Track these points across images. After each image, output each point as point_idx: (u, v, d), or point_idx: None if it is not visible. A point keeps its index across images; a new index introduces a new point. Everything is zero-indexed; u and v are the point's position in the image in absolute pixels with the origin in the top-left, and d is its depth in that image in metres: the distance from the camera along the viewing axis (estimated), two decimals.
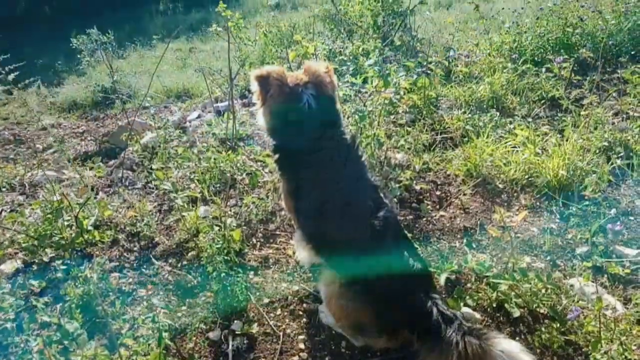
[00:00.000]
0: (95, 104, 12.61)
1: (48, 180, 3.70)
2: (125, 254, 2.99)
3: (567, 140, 3.69)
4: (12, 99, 14.20)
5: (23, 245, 2.85)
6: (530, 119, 4.44)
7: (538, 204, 3.43)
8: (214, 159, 3.62)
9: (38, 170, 4.32)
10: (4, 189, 3.86)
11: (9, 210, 3.45)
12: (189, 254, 2.97)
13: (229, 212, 3.29)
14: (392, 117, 4.40)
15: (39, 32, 20.78)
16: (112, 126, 8.51)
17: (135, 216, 3.17)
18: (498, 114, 4.31)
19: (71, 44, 13.86)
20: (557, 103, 4.71)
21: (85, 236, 2.90)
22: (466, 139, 4.18)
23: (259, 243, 3.12)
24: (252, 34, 7.42)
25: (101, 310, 2.36)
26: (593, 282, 2.50)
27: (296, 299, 2.69)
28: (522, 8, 10.61)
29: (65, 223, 2.84)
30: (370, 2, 6.80)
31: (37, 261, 2.77)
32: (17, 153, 7.83)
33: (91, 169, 4.18)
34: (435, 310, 2.16)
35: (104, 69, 14.51)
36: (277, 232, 3.21)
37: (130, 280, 2.78)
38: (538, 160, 3.56)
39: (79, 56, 14.46)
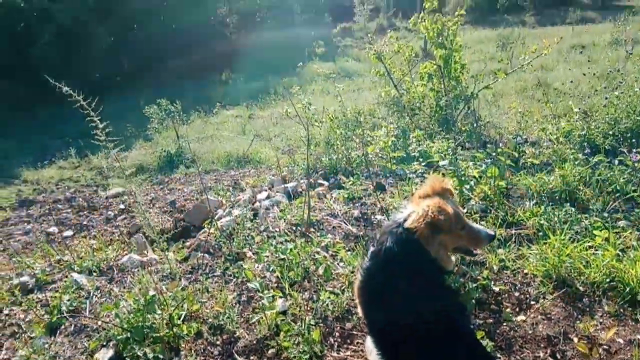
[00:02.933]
0: (160, 168, 13.33)
1: (135, 264, 3.92)
2: (209, 348, 3.08)
3: None
4: (84, 162, 15.19)
5: (117, 337, 3.00)
6: (606, 214, 4.36)
7: (622, 310, 3.32)
8: (290, 249, 3.74)
9: (123, 253, 4.57)
10: (94, 273, 4.11)
11: (99, 295, 3.66)
12: (269, 351, 3.03)
13: (305, 307, 3.35)
14: (463, 206, 4.43)
15: (110, 100, 22.41)
16: (178, 193, 8.94)
17: (218, 310, 3.29)
18: (573, 209, 4.25)
19: (144, 112, 14.89)
20: (633, 196, 4.61)
21: (174, 330, 3.03)
22: (541, 233, 4.13)
23: (336, 343, 3.14)
24: (310, 98, 7.76)
25: None
26: None
27: None
28: (584, 74, 10.55)
29: (157, 317, 2.99)
30: (433, 83, 7.02)
31: (129, 353, 2.90)
32: (90, 220, 8.32)
33: (172, 251, 4.40)
34: None
35: (169, 134, 15.41)
36: (354, 332, 3.23)
37: None
38: (620, 265, 3.47)
39: (148, 126, 15.47)
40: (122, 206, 8.59)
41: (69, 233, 7.45)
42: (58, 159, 14.87)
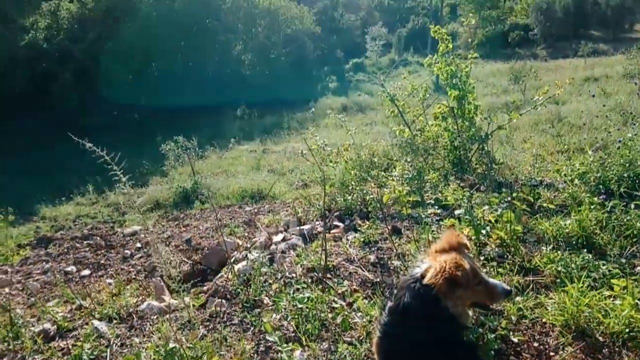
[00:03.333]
0: (176, 204, 13.48)
1: (154, 311, 3.97)
2: None
3: None
4: (101, 198, 15.40)
5: None
6: (624, 260, 4.33)
7: None
8: (307, 298, 3.77)
9: (142, 297, 4.63)
10: (114, 320, 4.16)
11: (119, 344, 3.71)
12: None
13: (323, 359, 3.36)
14: (479, 252, 4.44)
15: (128, 136, 22.96)
16: (194, 230, 9.01)
17: None
18: (590, 255, 4.24)
19: (161, 149, 15.16)
20: None
21: None
22: (559, 280, 4.11)
23: None
24: (325, 140, 7.86)
25: None
26: None
27: None
28: (597, 116, 10.58)
29: None
30: (448, 123, 7.08)
31: None
32: (108, 259, 8.41)
33: (189, 296, 4.44)
34: None
35: (185, 170, 15.64)
36: None
37: None
38: (638, 315, 3.44)
39: (165, 163, 15.71)
40: (138, 245, 8.68)
41: (86, 272, 7.55)
42: (76, 195, 15.12)
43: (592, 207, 4.89)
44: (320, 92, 29.86)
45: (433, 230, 4.33)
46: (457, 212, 4.19)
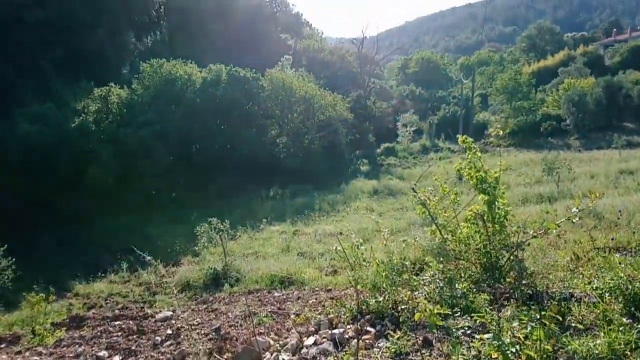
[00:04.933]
0: (206, 286, 13.57)
1: None
2: None
3: None
4: (133, 277, 15.66)
5: None
6: None
7: None
8: None
9: None
10: None
11: None
12: None
13: None
14: None
15: (164, 215, 23.72)
16: (223, 317, 9.06)
17: None
18: None
19: (195, 232, 15.54)
20: None
21: None
22: None
23: None
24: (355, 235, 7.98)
25: None
26: None
27: None
28: (620, 211, 10.49)
29: None
30: (479, 226, 7.14)
31: None
32: (139, 345, 8.51)
33: None
34: None
35: (217, 250, 15.85)
36: None
37: None
38: None
39: (197, 242, 16.03)
40: (169, 331, 8.77)
41: (117, 358, 7.65)
42: (109, 272, 15.40)
43: (621, 327, 4.84)
44: (352, 175, 30.46)
45: (463, 350, 4.33)
46: (485, 336, 4.22)
